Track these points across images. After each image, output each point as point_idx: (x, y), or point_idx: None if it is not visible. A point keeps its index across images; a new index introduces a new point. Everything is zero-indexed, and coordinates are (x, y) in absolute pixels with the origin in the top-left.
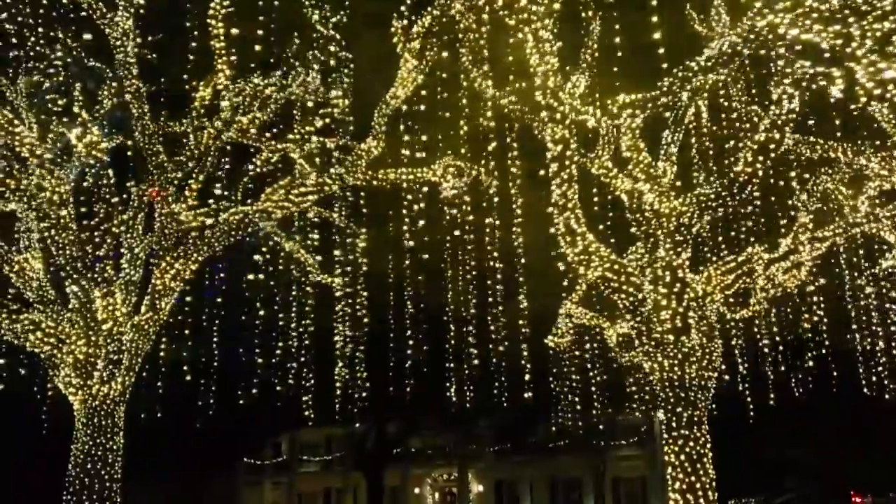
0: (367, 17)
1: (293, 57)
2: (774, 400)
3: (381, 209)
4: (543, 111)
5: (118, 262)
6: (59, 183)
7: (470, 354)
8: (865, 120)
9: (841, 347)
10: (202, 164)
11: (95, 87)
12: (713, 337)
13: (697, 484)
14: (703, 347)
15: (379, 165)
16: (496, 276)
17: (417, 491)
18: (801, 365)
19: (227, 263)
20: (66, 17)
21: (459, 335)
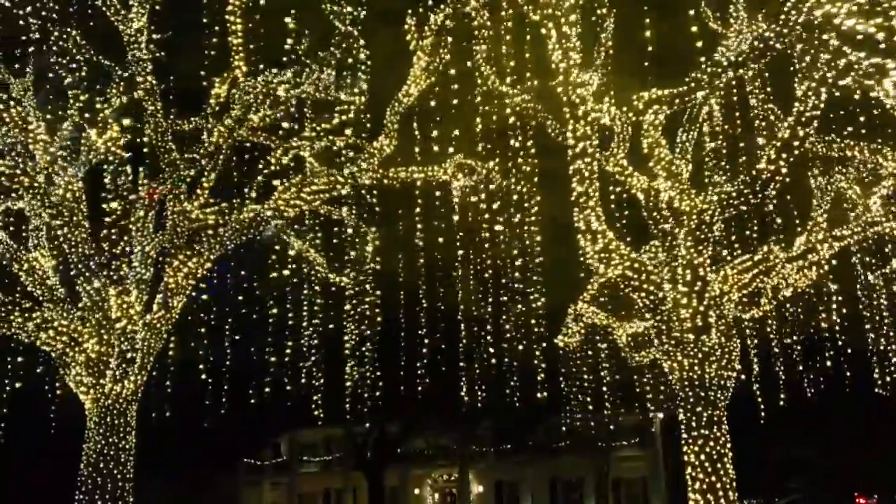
0: (379, 14)
1: (307, 54)
2: (784, 400)
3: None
4: (565, 107)
5: (131, 259)
6: (71, 180)
7: (482, 354)
8: (887, 118)
9: (854, 347)
10: (215, 161)
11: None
12: (732, 336)
13: (718, 484)
14: (722, 346)
15: (390, 164)
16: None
17: (417, 492)
18: (813, 365)
19: (233, 263)
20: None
21: (471, 334)
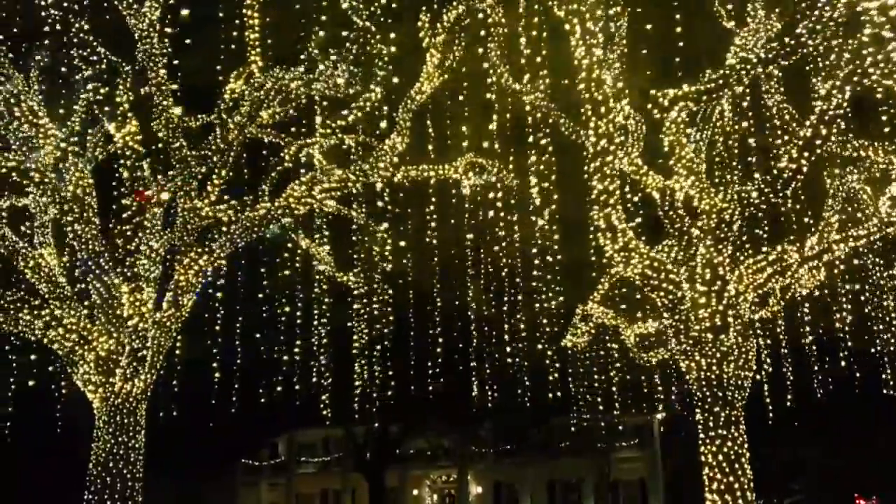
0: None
1: (320, 51)
2: (792, 401)
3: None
4: (587, 105)
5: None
6: (82, 175)
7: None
8: None
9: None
10: (225, 158)
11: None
12: (748, 336)
13: (736, 484)
14: (739, 346)
15: (402, 162)
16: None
17: (416, 493)
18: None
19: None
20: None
21: (481, 334)
